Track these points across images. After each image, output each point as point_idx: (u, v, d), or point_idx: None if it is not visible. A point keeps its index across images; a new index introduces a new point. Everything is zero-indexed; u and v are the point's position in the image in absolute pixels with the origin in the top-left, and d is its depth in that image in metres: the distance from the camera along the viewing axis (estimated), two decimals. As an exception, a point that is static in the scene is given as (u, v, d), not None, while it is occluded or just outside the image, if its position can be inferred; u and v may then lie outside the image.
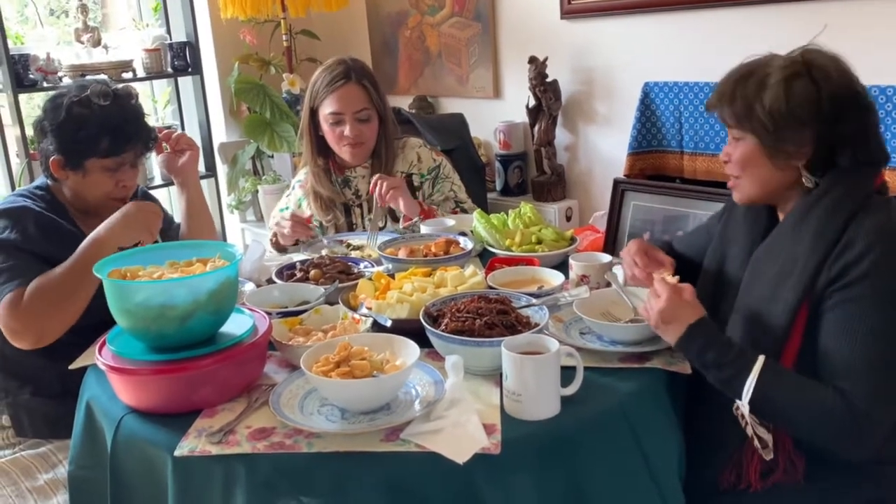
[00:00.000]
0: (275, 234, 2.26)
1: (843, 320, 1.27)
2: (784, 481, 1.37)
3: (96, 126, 1.76)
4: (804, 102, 1.32)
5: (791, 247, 1.36)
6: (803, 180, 1.38)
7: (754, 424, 1.30)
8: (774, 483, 1.37)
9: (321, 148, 2.35)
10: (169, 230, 2.07)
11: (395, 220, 2.34)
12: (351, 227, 2.39)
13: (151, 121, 3.75)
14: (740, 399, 1.28)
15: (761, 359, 1.28)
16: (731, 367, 1.30)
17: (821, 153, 1.35)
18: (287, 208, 2.41)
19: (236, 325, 1.45)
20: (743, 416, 1.30)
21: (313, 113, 2.31)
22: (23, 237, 1.70)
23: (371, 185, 2.19)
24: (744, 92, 1.37)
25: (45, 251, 1.71)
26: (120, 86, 1.87)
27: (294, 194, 2.44)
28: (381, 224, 2.35)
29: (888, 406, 1.24)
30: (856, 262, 1.27)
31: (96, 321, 1.62)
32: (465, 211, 2.40)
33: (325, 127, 2.28)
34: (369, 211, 2.35)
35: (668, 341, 1.38)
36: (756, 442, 1.31)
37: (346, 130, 2.24)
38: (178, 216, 2.11)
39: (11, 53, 3.00)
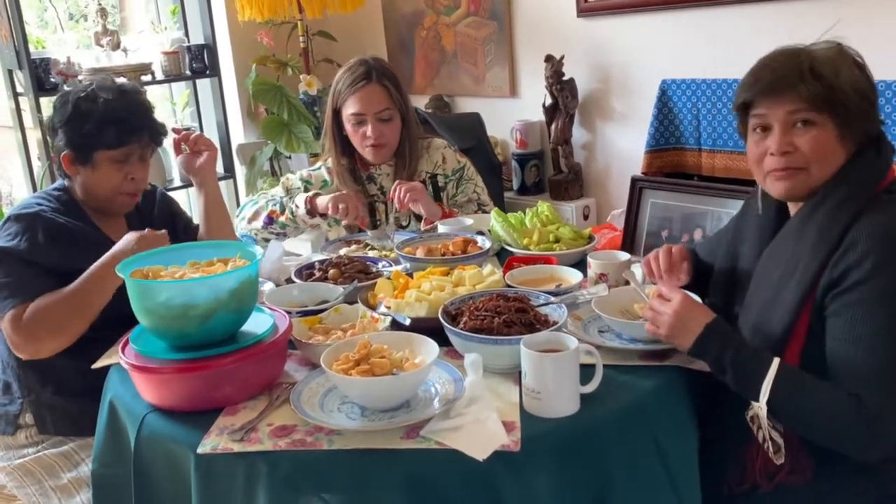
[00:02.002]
0: (314, 197, 2.25)
1: (848, 325, 1.26)
2: (791, 482, 1.35)
3: (101, 118, 1.79)
4: (871, 85, 1.35)
5: (794, 248, 1.36)
6: None
7: (769, 428, 1.29)
8: (782, 483, 1.36)
9: (345, 148, 2.36)
10: (188, 231, 2.09)
11: (420, 219, 2.35)
12: (375, 227, 2.40)
13: (170, 123, 3.79)
14: (757, 401, 1.28)
15: (776, 361, 1.27)
16: (749, 368, 1.29)
17: (869, 137, 1.37)
18: (309, 182, 2.41)
19: (257, 324, 1.46)
20: (756, 419, 1.29)
21: (336, 113, 2.32)
22: (30, 246, 1.72)
23: (391, 191, 2.20)
24: (819, 73, 1.32)
25: (51, 261, 1.73)
26: (126, 81, 1.90)
27: (319, 173, 2.42)
28: (404, 223, 2.36)
29: None
30: (857, 265, 1.25)
31: (114, 314, 1.65)
32: (486, 213, 2.40)
33: (349, 127, 2.30)
34: (393, 209, 2.36)
35: (681, 346, 1.36)
36: (769, 446, 1.29)
37: (368, 131, 2.26)
38: (196, 217, 2.13)
39: (33, 58, 3.03)
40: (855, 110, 1.32)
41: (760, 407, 1.27)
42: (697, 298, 1.45)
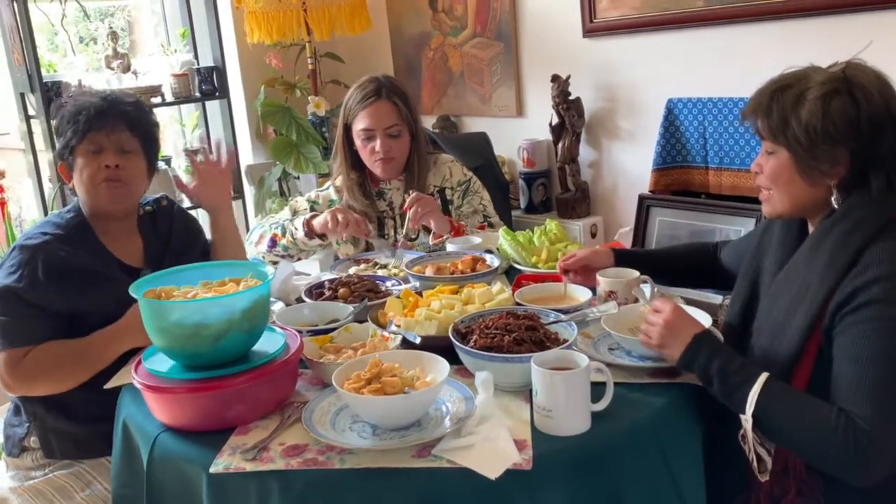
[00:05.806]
0: (311, 218, 2.25)
1: (850, 343, 1.25)
2: None
3: (75, 111, 1.79)
4: (841, 121, 1.30)
5: (806, 274, 1.35)
6: (832, 200, 1.36)
7: (755, 444, 1.28)
8: None
9: (355, 162, 2.39)
10: (205, 256, 2.08)
11: (429, 232, 2.36)
12: (383, 238, 2.41)
13: (180, 144, 3.82)
14: (743, 413, 1.27)
15: (764, 374, 1.27)
16: (735, 378, 1.29)
17: (855, 173, 1.33)
18: (316, 203, 2.43)
19: (268, 344, 1.47)
20: (744, 432, 1.29)
21: (347, 129, 2.35)
22: (30, 284, 1.68)
23: (406, 203, 2.21)
24: (780, 105, 1.35)
25: (50, 300, 1.69)
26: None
27: (327, 193, 2.44)
28: (412, 237, 2.37)
29: (893, 429, 1.20)
30: (866, 286, 1.25)
31: None
32: (492, 226, 2.41)
33: (358, 143, 2.33)
34: (402, 225, 2.37)
35: (670, 357, 1.38)
36: (754, 462, 1.29)
37: (377, 146, 2.28)
38: (207, 234, 2.13)
39: (45, 81, 3.07)
40: (809, 147, 1.32)
41: (746, 420, 1.27)
42: (693, 311, 1.47)
